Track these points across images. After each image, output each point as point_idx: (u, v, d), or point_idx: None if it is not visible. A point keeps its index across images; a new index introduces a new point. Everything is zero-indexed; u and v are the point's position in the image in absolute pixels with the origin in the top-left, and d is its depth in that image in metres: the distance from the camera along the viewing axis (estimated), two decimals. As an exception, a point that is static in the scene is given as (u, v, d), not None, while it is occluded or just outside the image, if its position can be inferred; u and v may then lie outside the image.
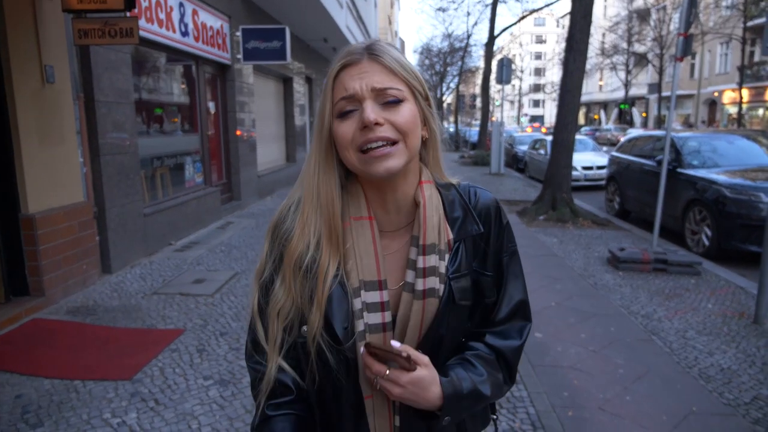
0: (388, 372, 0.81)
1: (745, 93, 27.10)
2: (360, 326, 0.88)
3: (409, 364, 0.81)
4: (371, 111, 0.84)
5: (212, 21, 8.06)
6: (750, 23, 25.53)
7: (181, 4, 6.95)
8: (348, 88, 0.86)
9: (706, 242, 6.45)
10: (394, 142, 0.85)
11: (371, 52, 0.88)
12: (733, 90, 29.14)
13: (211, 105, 8.63)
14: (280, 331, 0.90)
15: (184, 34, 7.09)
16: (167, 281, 5.17)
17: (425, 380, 0.83)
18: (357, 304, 0.88)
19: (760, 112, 29.11)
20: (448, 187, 0.99)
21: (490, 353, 0.94)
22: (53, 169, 4.59)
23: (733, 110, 29.91)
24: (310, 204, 0.90)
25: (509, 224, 1.02)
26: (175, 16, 6.81)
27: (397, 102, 0.86)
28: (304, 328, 0.89)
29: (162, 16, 6.42)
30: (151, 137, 6.73)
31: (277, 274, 0.92)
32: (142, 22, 5.81)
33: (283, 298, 0.90)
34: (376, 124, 0.83)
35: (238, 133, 9.22)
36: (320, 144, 0.90)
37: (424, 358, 0.84)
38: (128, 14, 4.66)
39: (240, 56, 8.89)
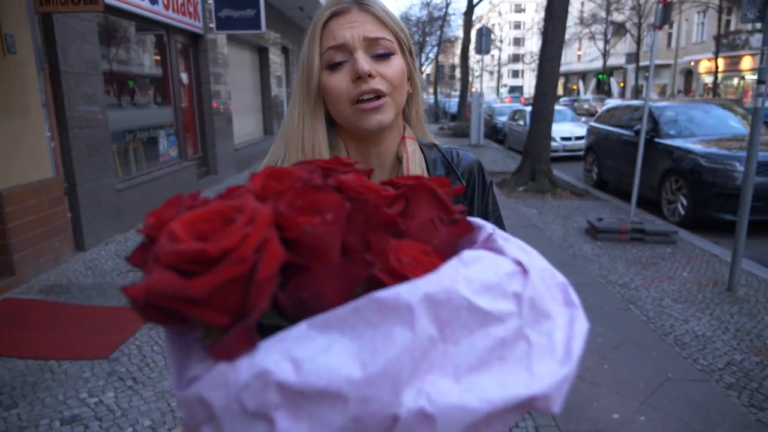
0: None
1: (721, 62, 27.35)
2: None
3: None
4: (365, 62, 0.82)
5: (183, -12, 7.76)
6: (727, -8, 25.62)
7: (149, -30, 6.66)
8: (338, 38, 0.83)
9: (682, 211, 6.54)
10: (382, 95, 0.83)
11: (361, 1, 0.86)
12: (709, 59, 29.37)
13: (184, 76, 8.38)
14: None
15: (153, 1, 6.81)
16: (143, 258, 5.07)
17: None
18: None
19: (735, 81, 29.45)
20: (431, 146, 0.98)
21: None
22: (18, 144, 4.42)
23: (708, 80, 30.20)
24: (296, 157, 0.86)
25: (492, 185, 1.01)
26: (143, -18, 6.53)
27: (388, 55, 0.85)
28: None
29: (129, -18, 6.14)
30: (122, 110, 6.52)
31: None
32: (108, -11, 5.55)
33: None
34: (369, 75, 0.81)
35: (214, 105, 9.00)
36: (308, 95, 0.86)
37: None
38: (92, -20, 4.43)
39: (213, 25, 8.61)
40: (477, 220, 0.42)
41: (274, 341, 0.28)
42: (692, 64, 32.78)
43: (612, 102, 22.37)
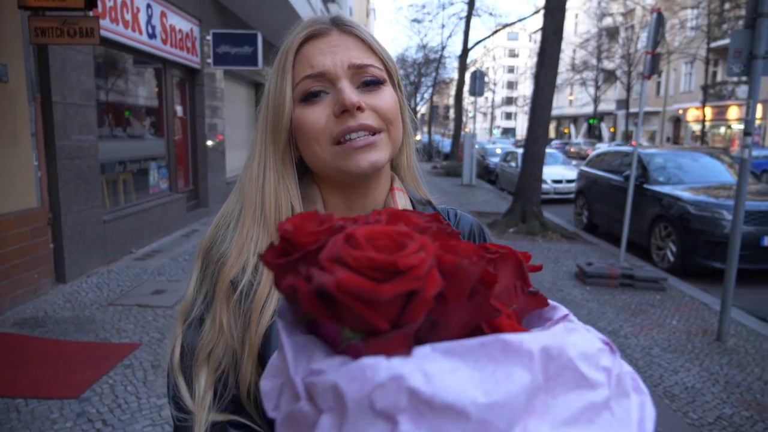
0: None
1: (708, 111, 28.00)
2: None
3: None
4: (351, 92, 0.67)
5: (182, 24, 7.88)
6: (713, 44, 26.45)
7: (148, 6, 6.77)
8: (316, 65, 0.69)
9: (671, 258, 6.54)
10: (376, 132, 0.69)
11: (340, 23, 0.72)
12: (697, 108, 30.07)
13: (179, 109, 8.42)
14: (211, 386, 0.66)
15: (152, 36, 6.90)
16: (125, 291, 4.97)
17: None
18: None
19: (722, 130, 30.08)
20: (425, 203, 0.82)
21: None
22: (4, 173, 4.37)
23: (696, 128, 30.85)
24: (251, 216, 0.71)
25: None
26: (142, 17, 6.62)
27: (378, 84, 0.71)
28: (237, 376, 0.66)
29: (128, 17, 6.23)
30: (113, 141, 6.50)
31: (209, 312, 0.69)
32: (106, 23, 5.62)
33: (213, 337, 0.67)
34: (359, 108, 0.67)
35: (207, 139, 9.02)
36: (275, 138, 0.72)
37: None
38: (90, 14, 4.48)
39: (210, 61, 8.72)
40: (553, 302, 0.44)
41: (406, 356, 0.32)
42: (681, 112, 33.53)
43: (602, 147, 22.71)
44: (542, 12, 9.13)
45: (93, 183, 5.60)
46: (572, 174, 12.92)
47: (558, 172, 13.57)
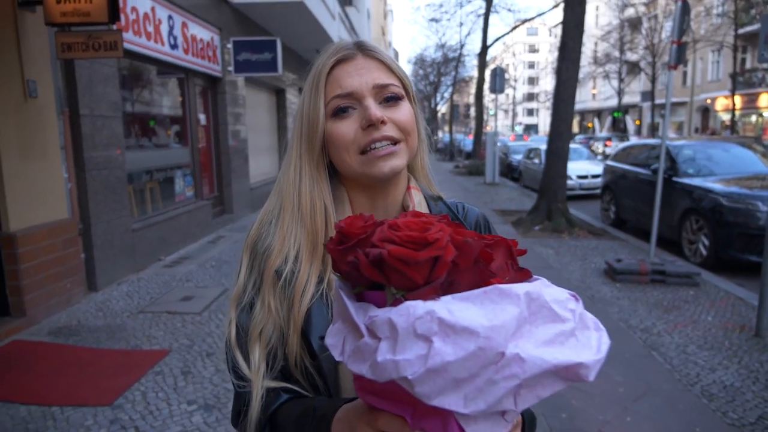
0: None
1: (738, 100, 27.24)
2: None
3: None
4: (376, 109, 0.80)
5: (202, 33, 7.99)
6: (741, 31, 25.71)
7: (170, 17, 6.87)
8: (345, 86, 0.81)
9: (704, 252, 6.37)
10: (396, 142, 0.81)
11: (364, 48, 0.85)
12: (726, 97, 29.28)
13: (202, 117, 8.54)
14: (263, 358, 0.78)
15: (174, 46, 7.01)
16: (154, 299, 5.04)
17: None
18: None
19: (753, 118, 29.24)
20: (436, 199, 0.95)
21: None
22: (36, 186, 4.48)
23: (726, 117, 30.04)
24: (290, 214, 0.83)
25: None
26: (164, 28, 6.73)
27: (397, 99, 0.83)
28: (285, 349, 0.79)
29: (150, 29, 6.34)
30: (140, 151, 6.62)
31: (258, 296, 0.81)
32: (129, 35, 5.73)
33: (263, 318, 0.79)
34: (382, 122, 0.79)
35: (231, 145, 9.13)
36: (310, 147, 0.84)
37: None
38: (113, 27, 4.57)
39: (231, 68, 8.82)
40: (536, 276, 0.58)
41: (435, 300, 0.47)
42: (708, 101, 32.70)
43: (630, 140, 22.29)
44: (562, 6, 8.99)
45: (121, 193, 5.70)
46: (598, 169, 12.69)
47: (583, 167, 13.34)
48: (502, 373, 0.45)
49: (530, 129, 70.76)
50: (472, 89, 34.89)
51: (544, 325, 0.48)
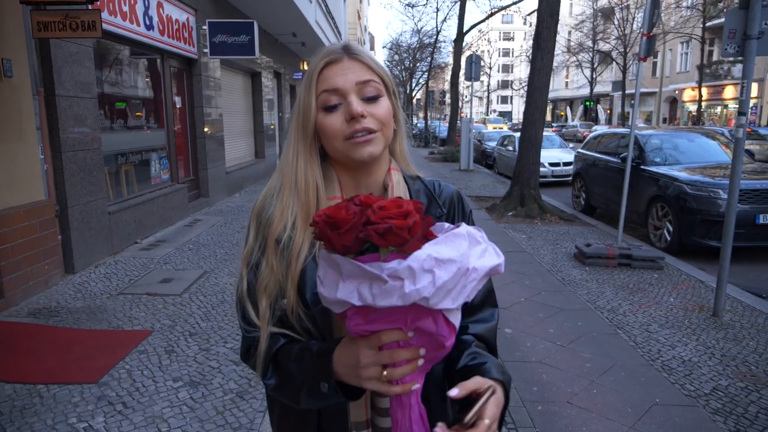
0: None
1: (705, 91, 28.00)
2: None
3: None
4: (357, 104, 0.94)
5: (178, 14, 7.89)
6: (709, 23, 26.38)
7: (145, -3, 6.77)
8: (332, 84, 0.95)
9: (668, 237, 6.65)
10: (373, 132, 0.95)
11: (350, 51, 0.98)
12: (693, 88, 30.06)
13: (178, 100, 8.45)
14: (268, 307, 0.95)
15: (149, 27, 6.92)
16: (133, 281, 5.06)
17: (498, 398, 0.84)
18: None
19: (719, 110, 30.11)
20: (415, 178, 1.09)
21: (478, 342, 1.01)
22: (12, 167, 4.43)
23: (693, 108, 30.86)
24: (288, 189, 0.98)
25: (472, 213, 1.13)
26: (139, 8, 6.64)
27: (377, 97, 0.96)
28: (284, 300, 0.95)
29: (125, 8, 6.25)
30: (115, 133, 6.55)
31: (264, 256, 0.98)
32: (104, 15, 5.64)
33: (267, 275, 0.95)
34: (362, 116, 0.93)
35: (206, 128, 9.06)
36: (305, 134, 0.98)
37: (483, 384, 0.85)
38: (90, 7, 4.51)
39: (207, 50, 8.73)
40: (442, 224, 0.83)
41: (423, 248, 0.71)
42: (677, 92, 33.52)
43: (600, 129, 22.72)
44: (538, -5, 9.13)
45: (97, 175, 5.66)
46: (569, 157, 12.99)
47: (555, 155, 13.63)
48: (469, 279, 0.72)
49: (504, 116, 71.31)
50: (448, 76, 34.98)
51: (475, 247, 0.75)
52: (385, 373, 0.76)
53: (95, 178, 5.62)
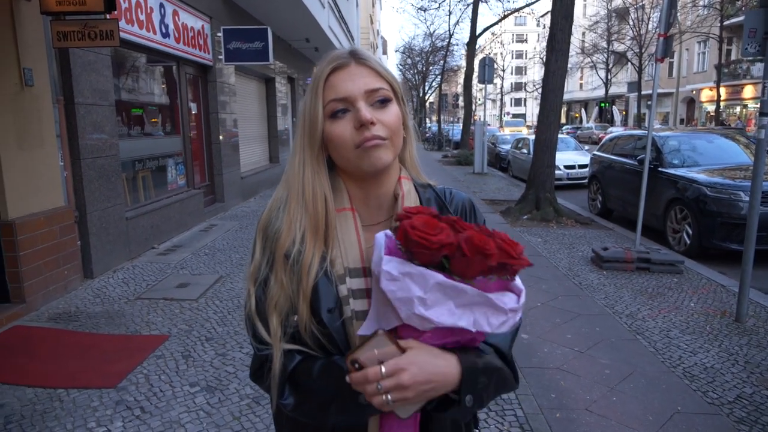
0: (383, 368, 0.76)
1: (723, 91, 27.60)
2: (347, 312, 0.90)
3: (397, 346, 0.78)
4: (367, 111, 0.89)
5: (193, 22, 7.97)
6: (727, 22, 26.01)
7: (161, 5, 6.86)
8: (340, 91, 0.90)
9: (688, 241, 6.55)
10: (384, 139, 0.90)
11: (357, 56, 0.93)
12: (711, 88, 29.65)
13: (193, 106, 8.54)
14: (280, 325, 0.91)
15: (165, 35, 7.00)
16: (151, 286, 5.11)
17: (426, 353, 0.80)
18: (343, 290, 0.91)
19: (738, 109, 29.66)
20: (425, 186, 1.05)
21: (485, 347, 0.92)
22: (33, 174, 4.50)
23: (711, 108, 30.44)
24: (295, 201, 0.93)
25: (485, 222, 1.04)
26: (156, 17, 6.72)
27: (385, 102, 0.92)
28: (295, 317, 0.91)
29: (142, 17, 6.33)
30: (132, 139, 6.63)
31: (272, 272, 0.93)
32: (122, 24, 5.71)
33: (277, 292, 0.91)
34: (371, 123, 0.88)
35: (221, 134, 9.14)
36: (311, 143, 0.93)
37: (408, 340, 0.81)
38: (108, 16, 4.58)
39: (222, 57, 8.81)
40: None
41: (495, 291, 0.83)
42: (694, 92, 33.09)
43: (616, 131, 22.49)
44: (552, -3, 9.07)
45: (115, 181, 5.73)
46: (585, 159, 12.86)
47: (570, 157, 13.52)
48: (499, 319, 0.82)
49: (518, 117, 70.97)
50: (461, 79, 34.91)
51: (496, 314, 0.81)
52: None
53: (113, 184, 5.69)
